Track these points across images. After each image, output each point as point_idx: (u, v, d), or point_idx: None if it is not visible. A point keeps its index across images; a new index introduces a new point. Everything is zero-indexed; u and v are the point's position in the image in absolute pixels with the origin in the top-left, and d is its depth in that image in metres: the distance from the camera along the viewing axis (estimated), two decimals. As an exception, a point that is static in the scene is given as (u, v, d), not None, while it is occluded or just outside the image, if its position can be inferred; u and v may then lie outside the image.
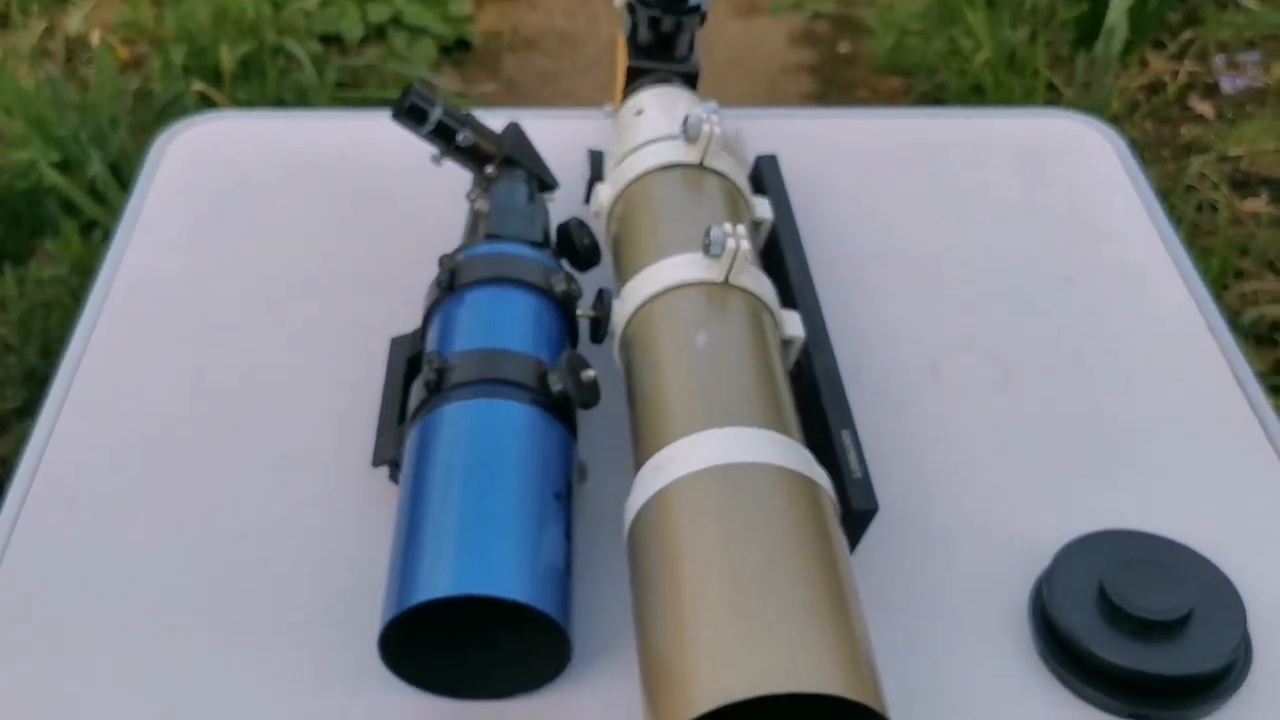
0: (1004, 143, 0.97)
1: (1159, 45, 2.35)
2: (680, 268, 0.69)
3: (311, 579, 0.65)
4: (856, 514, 0.63)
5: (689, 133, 0.77)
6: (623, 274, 0.73)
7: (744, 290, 0.68)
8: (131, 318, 0.79)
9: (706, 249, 0.68)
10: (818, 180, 0.90)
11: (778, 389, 0.64)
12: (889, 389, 0.76)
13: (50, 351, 1.53)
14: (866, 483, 0.64)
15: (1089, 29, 2.26)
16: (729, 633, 0.51)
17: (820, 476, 0.59)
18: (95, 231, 1.77)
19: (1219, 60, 2.33)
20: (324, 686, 0.60)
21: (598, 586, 0.63)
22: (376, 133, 0.95)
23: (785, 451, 0.58)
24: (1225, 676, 0.60)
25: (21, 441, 0.71)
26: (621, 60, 0.90)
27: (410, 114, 0.78)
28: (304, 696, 0.59)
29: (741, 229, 0.68)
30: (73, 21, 1.95)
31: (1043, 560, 0.64)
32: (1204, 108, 2.25)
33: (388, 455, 0.67)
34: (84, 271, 1.60)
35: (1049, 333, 0.81)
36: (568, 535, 0.60)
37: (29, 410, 0.66)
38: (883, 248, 0.87)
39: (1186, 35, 2.34)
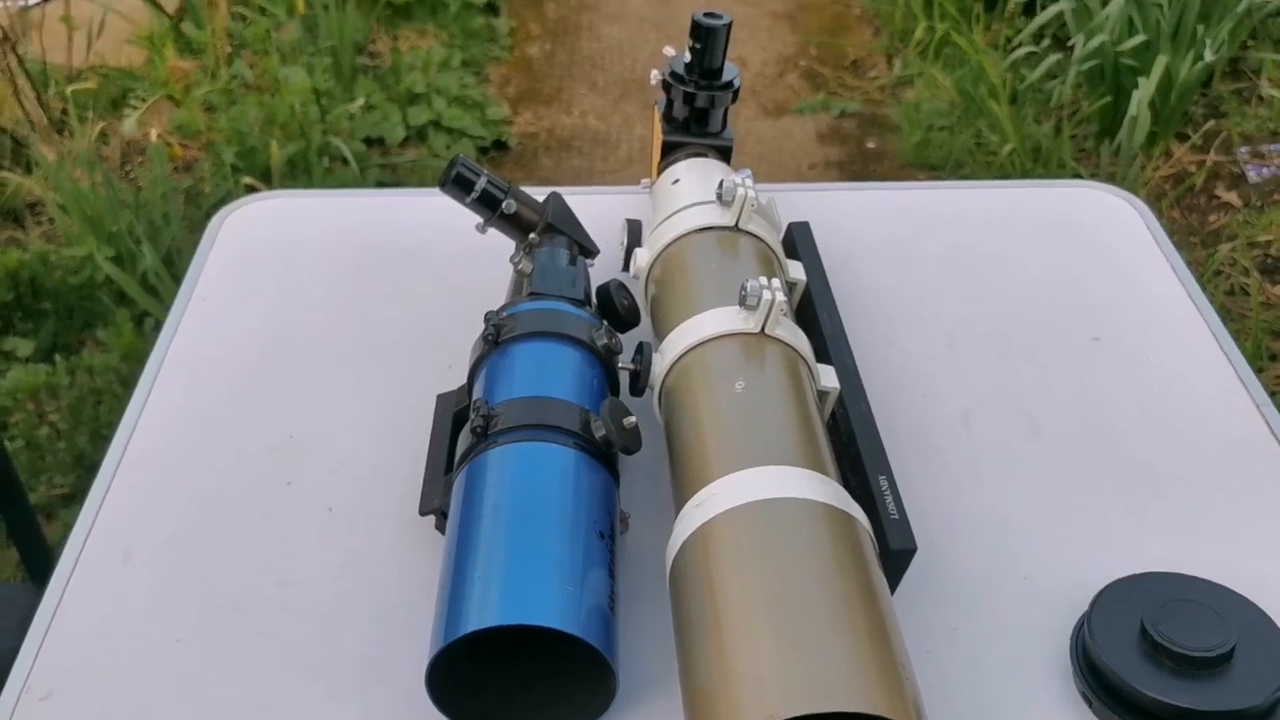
0: (1031, 211, 1.00)
1: (1182, 137, 2.39)
2: (718, 320, 0.71)
3: (359, 625, 0.66)
4: (895, 554, 0.64)
5: (724, 197, 0.80)
6: (661, 330, 0.75)
7: (780, 341, 0.70)
8: (187, 379, 0.82)
9: (743, 301, 0.70)
10: (850, 249, 0.93)
11: (814, 431, 0.65)
12: (923, 441, 0.78)
13: (100, 438, 1.57)
14: (904, 523, 0.65)
15: (1112, 121, 2.31)
16: (770, 656, 0.52)
17: (858, 513, 0.60)
18: (146, 321, 1.82)
19: (1243, 151, 2.36)
20: (372, 727, 0.61)
21: (640, 631, 0.64)
22: (418, 208, 1.00)
23: (824, 489, 0.60)
24: (1270, 713, 0.60)
25: (69, 528, 0.73)
26: (657, 135, 0.94)
27: (457, 183, 0.81)
28: (352, 736, 0.60)
29: (776, 282, 0.71)
30: (128, 123, 2.03)
31: (1081, 603, 0.65)
32: (1230, 196, 2.27)
33: (434, 504, 0.69)
34: (135, 360, 1.64)
35: (1079, 387, 0.82)
36: (612, 574, 0.61)
37: (77, 497, 0.68)
38: (914, 309, 0.89)
39: (1209, 126, 2.38)
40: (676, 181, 0.87)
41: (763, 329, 0.70)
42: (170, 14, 2.50)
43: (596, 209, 0.89)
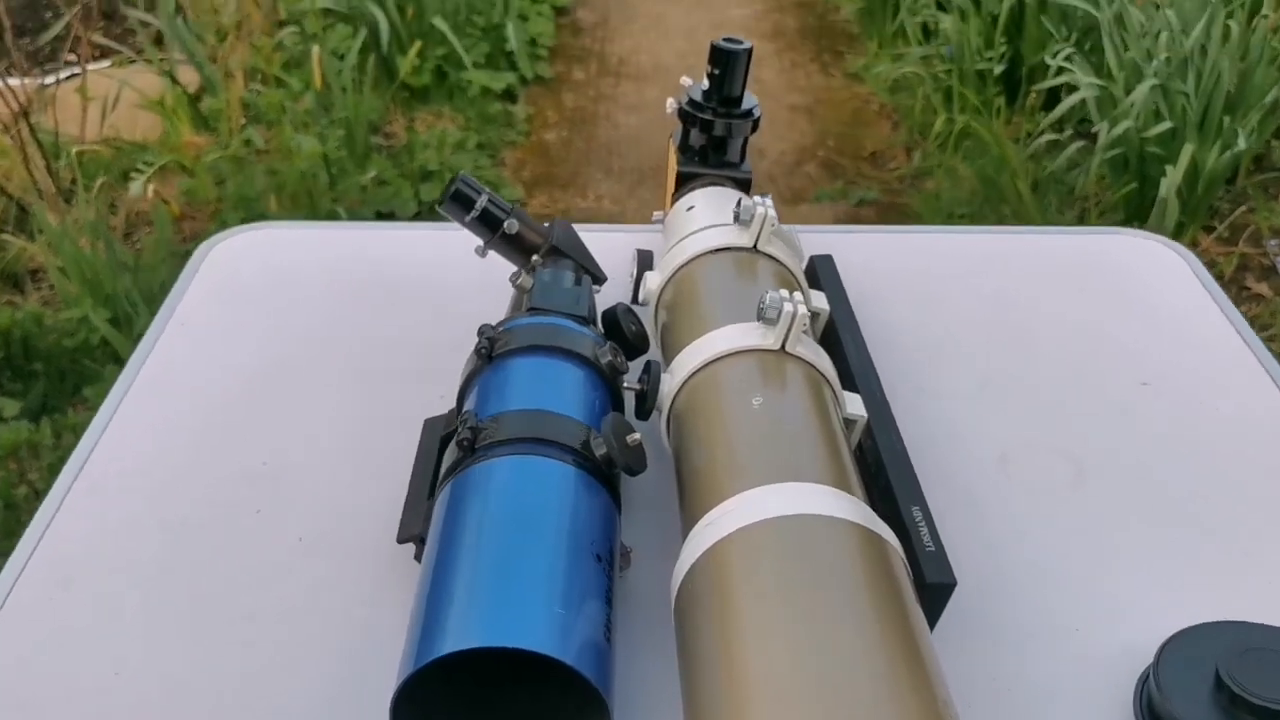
0: (1068, 257, 0.94)
1: (1208, 229, 2.34)
2: (732, 336, 0.64)
3: (323, 661, 0.58)
4: (932, 588, 0.56)
5: (741, 215, 0.74)
6: (671, 356, 0.69)
7: (802, 360, 0.64)
8: (156, 404, 0.76)
9: (761, 314, 0.64)
10: (878, 291, 0.86)
11: (840, 450, 0.58)
12: (957, 485, 0.70)
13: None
14: (941, 555, 0.57)
15: (1138, 209, 2.26)
16: (793, 688, 0.44)
17: (890, 536, 0.53)
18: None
19: (1272, 244, 2.31)
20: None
21: (640, 677, 0.57)
22: (409, 240, 0.95)
23: (851, 508, 0.53)
24: (1368, 777, 0.52)
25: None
26: (672, 167, 0.89)
27: (455, 200, 0.75)
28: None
29: (799, 295, 0.64)
30: (134, 186, 2.00)
31: (1140, 656, 0.58)
32: (1261, 288, 2.21)
33: (414, 531, 0.62)
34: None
35: (1127, 432, 0.75)
36: (609, 602, 0.53)
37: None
38: (945, 352, 0.82)
39: (1236, 216, 2.33)
40: (691, 208, 0.81)
41: (783, 345, 0.63)
42: (190, 92, 2.49)
43: (607, 246, 0.83)
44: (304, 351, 0.81)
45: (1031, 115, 2.65)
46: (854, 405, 0.66)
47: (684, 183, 0.87)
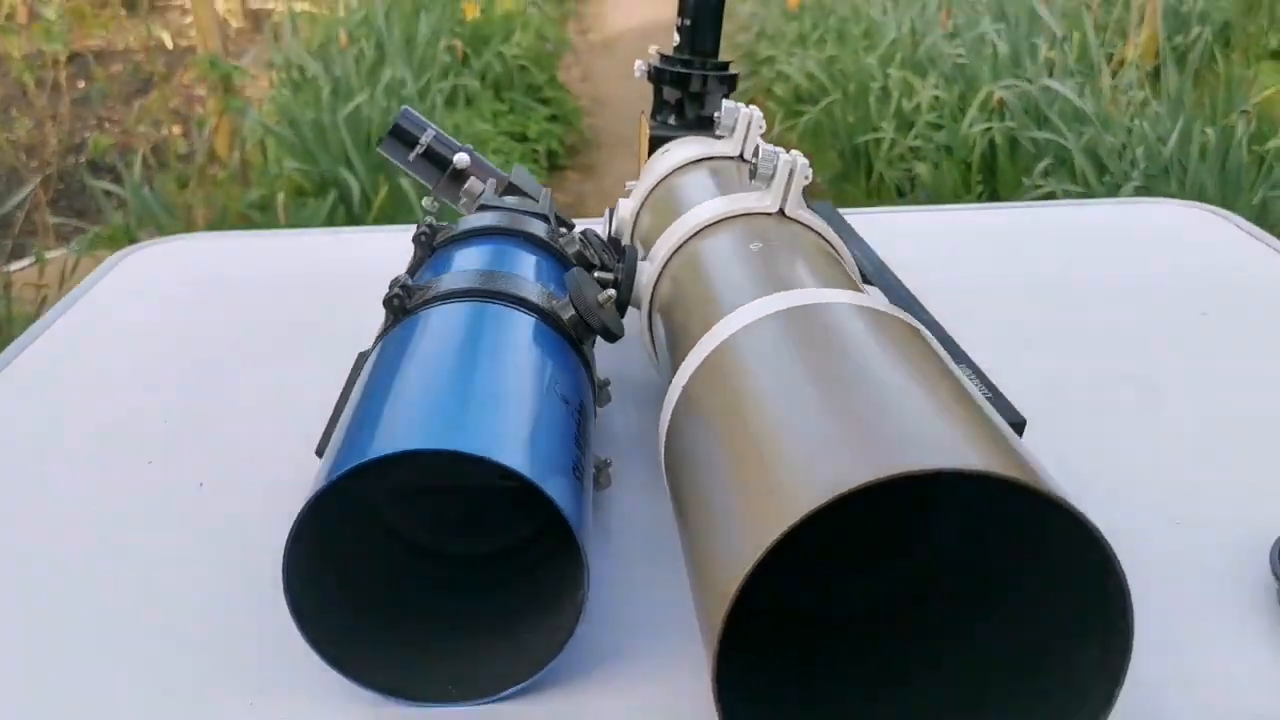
0: (1112, 222, 0.86)
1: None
2: (723, 204, 0.54)
3: (210, 616, 0.45)
4: (997, 428, 0.44)
5: (723, 120, 0.64)
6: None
7: (806, 228, 0.53)
8: (39, 378, 0.64)
9: (754, 173, 0.53)
10: (907, 263, 0.75)
11: (855, 282, 0.47)
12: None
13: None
14: (1002, 399, 0.46)
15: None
16: (827, 423, 0.31)
17: (918, 325, 0.41)
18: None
19: None
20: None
21: (624, 599, 0.44)
22: (341, 242, 0.86)
23: (870, 299, 0.41)
24: None
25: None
26: (644, 133, 0.79)
27: (397, 136, 0.66)
28: None
29: (798, 153, 0.54)
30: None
31: (1256, 537, 0.46)
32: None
33: (337, 441, 0.49)
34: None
35: (1192, 355, 0.64)
36: (579, 445, 0.41)
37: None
38: (975, 308, 0.70)
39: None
40: (667, 151, 0.72)
41: (782, 208, 0.52)
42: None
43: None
44: (222, 336, 0.70)
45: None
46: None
47: (658, 147, 0.78)
